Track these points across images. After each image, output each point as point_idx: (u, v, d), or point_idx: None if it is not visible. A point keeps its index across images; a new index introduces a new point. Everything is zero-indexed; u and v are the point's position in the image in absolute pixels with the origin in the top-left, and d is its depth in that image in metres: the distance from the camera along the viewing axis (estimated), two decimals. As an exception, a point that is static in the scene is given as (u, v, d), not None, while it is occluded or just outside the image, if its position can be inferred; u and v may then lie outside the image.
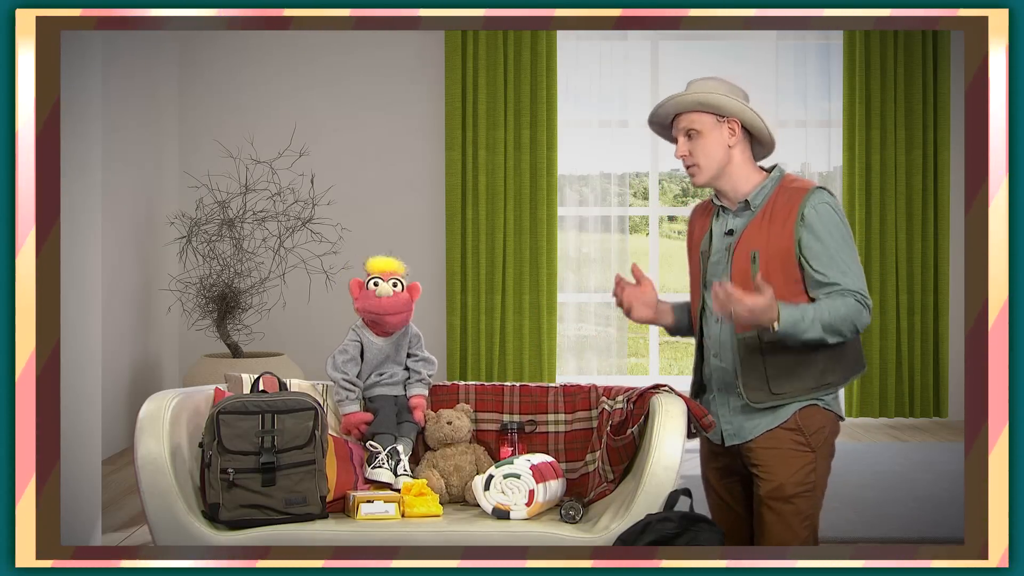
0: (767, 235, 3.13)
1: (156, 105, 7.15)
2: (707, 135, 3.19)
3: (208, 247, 6.57)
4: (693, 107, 3.20)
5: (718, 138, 3.20)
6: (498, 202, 7.34)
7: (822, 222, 3.11)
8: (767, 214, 3.16)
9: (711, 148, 3.20)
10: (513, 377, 7.34)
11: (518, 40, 7.32)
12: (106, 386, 5.63)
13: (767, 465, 3.15)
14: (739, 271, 3.15)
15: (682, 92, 3.22)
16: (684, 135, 3.22)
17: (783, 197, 3.16)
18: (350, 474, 3.35)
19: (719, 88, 3.21)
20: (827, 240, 3.10)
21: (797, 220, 3.11)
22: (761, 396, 3.13)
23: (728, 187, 3.22)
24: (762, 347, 3.11)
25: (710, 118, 3.20)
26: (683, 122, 3.22)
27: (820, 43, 7.59)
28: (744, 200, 3.20)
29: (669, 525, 2.92)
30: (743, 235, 3.17)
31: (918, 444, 6.68)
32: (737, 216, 3.22)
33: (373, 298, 3.48)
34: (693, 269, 3.33)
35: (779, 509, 3.13)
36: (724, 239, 3.23)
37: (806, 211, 3.11)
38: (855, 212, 7.35)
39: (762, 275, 3.09)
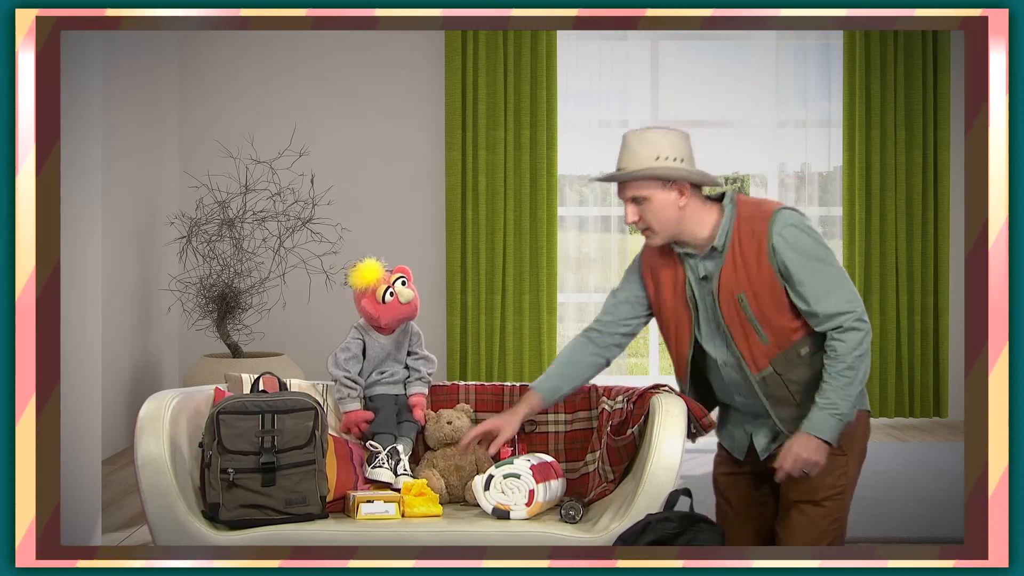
0: (746, 276, 3.07)
1: (156, 105, 7.14)
2: (655, 200, 3.10)
3: (208, 247, 6.57)
4: (640, 178, 3.11)
5: (666, 200, 3.11)
6: (498, 202, 7.34)
7: (792, 247, 3.04)
8: (736, 254, 3.08)
9: (661, 211, 3.11)
10: (513, 377, 7.34)
11: (518, 40, 7.32)
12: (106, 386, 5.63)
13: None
14: (732, 318, 3.09)
15: (623, 168, 3.12)
16: (631, 202, 3.14)
17: (746, 231, 3.08)
18: (350, 474, 3.35)
19: (660, 146, 3.11)
20: (801, 264, 3.04)
21: (768, 253, 3.05)
22: (800, 424, 3.10)
23: (687, 237, 3.14)
24: (782, 378, 3.10)
25: (655, 183, 3.10)
26: (629, 190, 3.13)
27: (820, 43, 7.58)
28: (711, 246, 3.12)
29: (669, 525, 2.92)
30: (721, 281, 3.10)
31: (918, 444, 6.68)
32: (707, 259, 3.15)
33: (401, 307, 3.46)
34: (677, 318, 3.22)
35: (809, 512, 3.12)
36: (701, 284, 3.16)
37: (774, 241, 3.04)
38: (855, 212, 7.35)
39: (757, 317, 3.07)
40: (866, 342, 3.04)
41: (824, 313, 3.03)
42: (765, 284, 3.06)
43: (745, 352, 3.09)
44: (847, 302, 3.04)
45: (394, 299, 3.45)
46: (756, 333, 3.07)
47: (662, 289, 3.24)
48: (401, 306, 3.46)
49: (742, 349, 3.09)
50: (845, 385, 3.03)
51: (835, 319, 3.03)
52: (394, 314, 3.46)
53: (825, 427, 3.03)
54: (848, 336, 3.03)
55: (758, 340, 3.08)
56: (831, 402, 3.03)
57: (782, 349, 3.08)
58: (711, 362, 3.20)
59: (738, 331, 3.09)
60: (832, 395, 3.03)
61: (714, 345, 3.16)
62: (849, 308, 3.04)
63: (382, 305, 3.45)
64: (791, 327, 3.08)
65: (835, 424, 3.04)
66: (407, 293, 3.46)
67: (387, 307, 3.45)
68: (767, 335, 3.07)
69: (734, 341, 3.10)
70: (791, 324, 3.08)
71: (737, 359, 3.11)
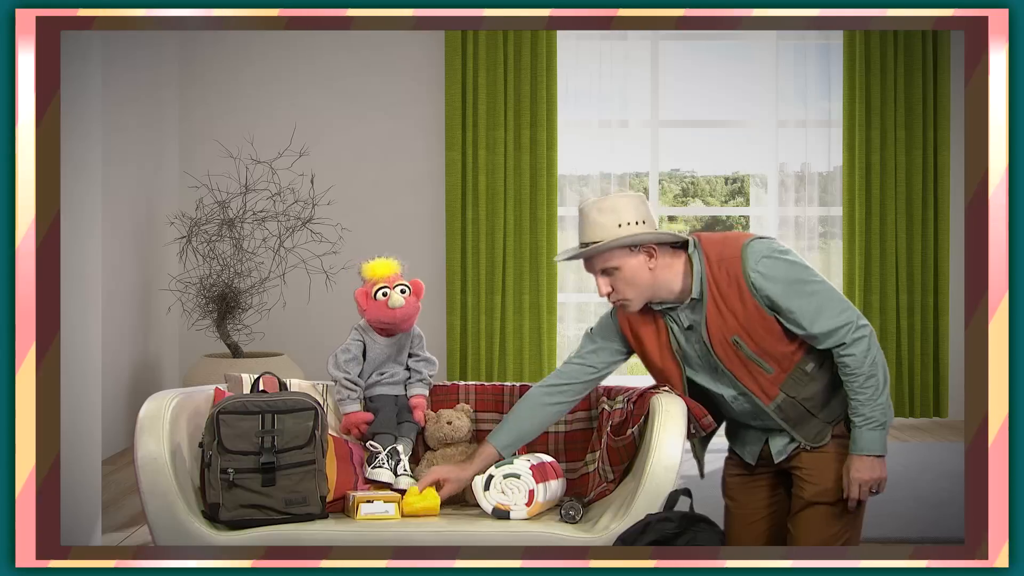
0: (733, 318, 3.05)
1: (156, 105, 7.14)
2: (625, 268, 3.06)
3: (208, 247, 6.57)
4: (605, 251, 3.05)
5: (637, 265, 3.07)
6: (498, 202, 7.34)
7: (771, 279, 3.02)
8: (717, 299, 3.06)
9: (633, 278, 3.07)
10: (513, 377, 7.34)
11: (518, 40, 7.32)
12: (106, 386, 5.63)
13: (812, 469, 3.13)
14: (731, 360, 3.08)
15: (586, 242, 3.05)
16: (601, 274, 3.09)
17: (720, 275, 3.05)
18: (350, 474, 3.35)
19: (621, 212, 3.05)
20: (785, 292, 3.02)
21: (750, 290, 3.03)
22: (822, 432, 3.11)
23: (664, 294, 3.11)
24: (795, 400, 3.09)
25: (622, 250, 3.06)
26: (598, 263, 3.08)
27: (820, 43, 7.58)
28: (690, 297, 3.09)
29: (669, 525, 2.92)
30: (709, 328, 3.07)
31: (918, 444, 6.67)
32: (687, 309, 3.12)
33: (385, 309, 3.44)
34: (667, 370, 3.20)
35: (823, 511, 3.12)
36: (687, 334, 3.14)
37: (752, 279, 3.02)
38: (855, 212, 7.35)
39: (756, 352, 3.05)
40: (873, 345, 3.03)
41: (822, 332, 3.03)
42: (756, 320, 3.04)
43: (753, 387, 3.10)
44: (840, 313, 3.03)
45: (383, 300, 3.44)
46: (760, 367, 3.08)
47: (644, 344, 3.23)
48: (387, 310, 3.44)
49: (750, 385, 3.10)
50: (873, 395, 3.03)
51: (834, 335, 3.03)
52: (377, 314, 3.45)
53: (872, 442, 3.04)
54: (854, 348, 3.02)
55: (763, 372, 3.08)
56: (866, 417, 3.03)
57: (787, 372, 3.08)
58: (717, 398, 3.20)
59: (741, 370, 3.09)
60: (864, 410, 3.03)
61: (718, 386, 3.16)
62: (845, 320, 3.02)
63: (372, 301, 3.45)
64: (790, 351, 3.08)
65: (879, 435, 3.05)
66: (397, 300, 3.43)
67: (374, 304, 3.44)
68: (770, 365, 3.07)
69: (739, 381, 3.10)
70: (789, 348, 3.08)
71: (747, 395, 3.12)
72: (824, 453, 3.13)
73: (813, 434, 3.12)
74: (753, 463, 3.25)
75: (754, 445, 3.24)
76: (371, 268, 3.48)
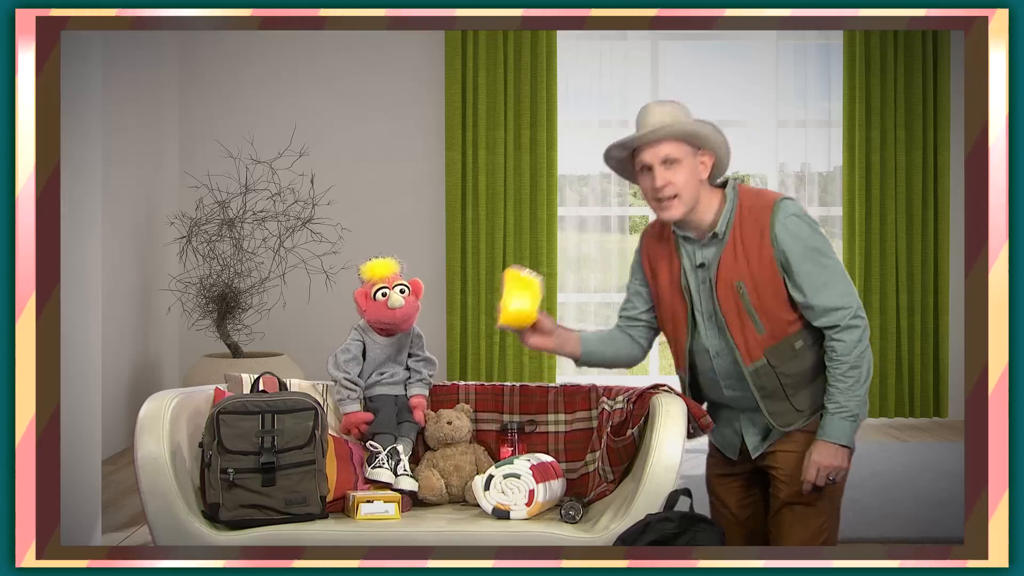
0: (746, 264, 3.05)
1: (156, 105, 7.15)
2: (685, 164, 3.06)
3: (208, 247, 6.57)
4: (680, 136, 3.06)
5: (694, 168, 3.08)
6: (498, 202, 7.34)
7: (794, 237, 3.03)
8: (737, 242, 3.06)
9: (688, 179, 3.06)
10: (513, 377, 7.34)
11: (518, 40, 7.32)
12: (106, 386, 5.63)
13: (788, 468, 3.14)
14: (729, 306, 3.08)
15: (667, 124, 3.05)
16: (661, 164, 3.06)
17: (748, 220, 3.07)
18: (350, 474, 3.35)
19: (683, 116, 3.08)
20: (801, 255, 3.03)
21: (771, 241, 3.04)
22: (789, 418, 3.11)
23: (695, 218, 3.11)
24: (775, 370, 3.10)
25: (687, 148, 3.07)
26: (662, 150, 3.06)
27: (820, 43, 7.58)
28: (712, 232, 3.10)
29: (669, 525, 2.92)
30: (720, 268, 3.08)
31: (918, 444, 6.68)
32: (705, 247, 3.12)
33: (385, 309, 3.44)
34: (673, 306, 3.21)
35: (800, 512, 3.13)
36: (697, 272, 3.14)
37: (776, 230, 3.03)
38: (855, 212, 7.35)
39: (755, 305, 3.06)
40: (865, 338, 3.05)
41: (820, 306, 3.03)
42: (766, 273, 3.05)
43: (740, 341, 3.09)
44: (844, 295, 3.04)
45: (383, 300, 3.44)
46: (752, 322, 3.07)
47: (659, 279, 3.24)
48: (387, 310, 3.44)
49: (736, 338, 3.09)
50: (852, 386, 3.03)
51: (831, 315, 3.03)
52: (377, 314, 3.45)
53: (840, 431, 3.04)
54: (846, 335, 3.03)
55: (754, 329, 3.07)
56: (840, 405, 3.04)
57: (776, 340, 3.08)
58: (702, 353, 3.19)
59: (734, 320, 3.08)
60: (840, 398, 3.04)
61: (708, 334, 3.15)
62: (846, 303, 3.04)
63: (371, 301, 3.45)
64: (788, 319, 3.08)
65: (849, 426, 3.04)
66: (396, 300, 3.44)
67: (374, 305, 3.45)
68: (763, 324, 3.07)
69: (729, 330, 3.09)
70: (788, 316, 3.08)
71: (731, 348, 3.11)
72: (798, 454, 3.14)
73: (779, 413, 3.11)
74: (734, 458, 3.25)
75: (730, 433, 3.23)
76: (370, 268, 3.48)
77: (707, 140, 3.08)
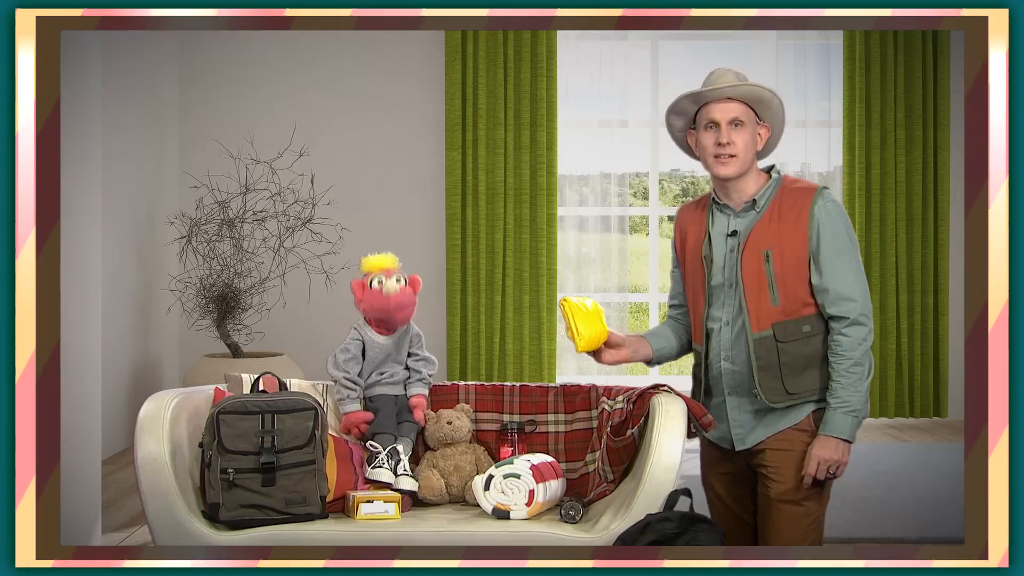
0: (778, 234, 3.13)
1: (156, 105, 7.15)
2: (748, 130, 3.18)
3: (208, 247, 6.57)
4: (750, 99, 3.18)
5: (753, 136, 3.20)
6: (498, 202, 7.34)
7: (832, 222, 3.13)
8: (774, 214, 3.15)
9: (748, 143, 3.19)
10: (513, 377, 7.34)
11: (518, 40, 7.32)
12: (106, 386, 5.63)
13: (778, 467, 3.15)
14: (751, 272, 3.14)
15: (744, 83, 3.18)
16: (729, 123, 3.17)
17: (789, 198, 3.16)
18: (350, 474, 3.35)
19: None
20: (831, 241, 3.12)
21: (809, 219, 3.12)
22: (778, 396, 3.14)
23: (740, 186, 3.21)
24: (777, 344, 3.12)
25: (752, 115, 3.20)
26: (732, 110, 3.17)
27: (820, 43, 7.58)
28: (751, 200, 3.19)
29: (669, 525, 2.92)
30: (751, 235, 3.15)
31: (918, 444, 6.68)
32: (740, 216, 3.21)
33: (380, 296, 3.46)
34: (693, 274, 3.30)
35: (788, 511, 3.14)
36: (727, 240, 3.21)
37: (816, 210, 3.12)
38: (855, 212, 7.35)
39: (777, 275, 3.10)
40: (869, 339, 3.10)
41: (835, 291, 3.09)
42: (796, 249, 3.12)
43: (752, 307, 3.13)
44: (859, 291, 3.11)
45: (378, 288, 3.46)
46: (770, 291, 3.12)
47: (687, 244, 3.32)
48: (381, 297, 3.46)
49: (750, 303, 3.13)
50: (855, 382, 3.08)
51: (843, 304, 3.09)
52: (372, 302, 3.47)
53: (842, 426, 3.08)
54: (852, 331, 3.08)
55: (769, 299, 3.12)
56: (843, 400, 3.08)
57: (787, 317, 3.12)
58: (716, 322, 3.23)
59: (753, 286, 3.13)
60: (843, 393, 3.08)
61: (726, 303, 3.20)
62: (860, 297, 3.11)
63: (368, 290, 3.48)
64: (803, 299, 3.13)
65: (851, 422, 3.08)
66: (392, 286, 3.47)
67: (370, 294, 3.47)
68: (779, 296, 3.12)
69: (745, 296, 3.14)
70: (804, 296, 3.13)
71: (743, 314, 3.14)
72: (789, 452, 3.15)
73: (770, 390, 3.13)
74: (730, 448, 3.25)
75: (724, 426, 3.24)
76: (369, 261, 3.52)
77: (773, 113, 3.21)
